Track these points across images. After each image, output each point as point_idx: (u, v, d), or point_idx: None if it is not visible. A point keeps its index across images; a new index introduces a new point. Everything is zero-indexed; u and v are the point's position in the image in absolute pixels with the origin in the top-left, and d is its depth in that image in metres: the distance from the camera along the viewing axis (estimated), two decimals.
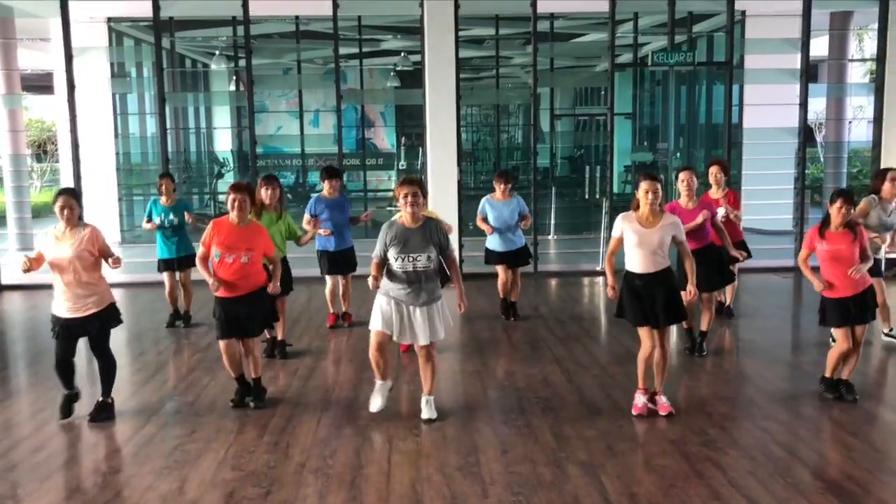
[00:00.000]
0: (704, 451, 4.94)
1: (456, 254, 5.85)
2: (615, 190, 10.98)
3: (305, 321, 8.47)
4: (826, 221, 5.74)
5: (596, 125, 19.95)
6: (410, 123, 20.65)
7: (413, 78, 16.59)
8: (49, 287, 5.63)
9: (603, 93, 16.37)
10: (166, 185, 8.19)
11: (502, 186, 8.12)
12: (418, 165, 17.05)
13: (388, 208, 15.08)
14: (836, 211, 5.67)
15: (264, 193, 6.94)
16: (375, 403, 5.60)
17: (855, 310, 5.69)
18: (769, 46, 11.96)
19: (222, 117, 19.75)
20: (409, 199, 5.28)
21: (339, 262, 7.98)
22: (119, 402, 6.15)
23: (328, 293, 8.24)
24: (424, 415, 5.55)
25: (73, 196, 5.56)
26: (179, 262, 8.28)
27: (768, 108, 11.66)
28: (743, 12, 12.86)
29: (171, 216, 8.14)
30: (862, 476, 4.58)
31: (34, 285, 9.73)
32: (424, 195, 5.42)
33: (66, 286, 5.45)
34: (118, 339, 8.01)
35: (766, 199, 12.05)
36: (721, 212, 7.18)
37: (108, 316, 5.66)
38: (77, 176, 10.85)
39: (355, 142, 19.86)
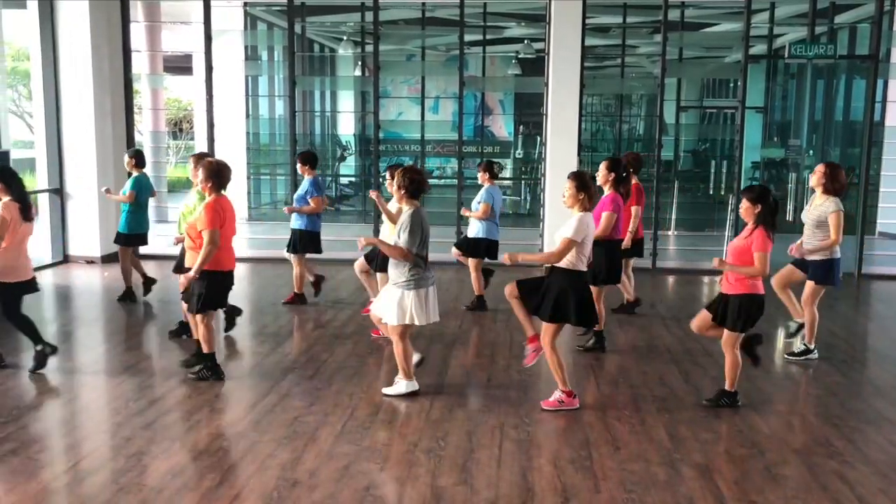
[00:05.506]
0: (830, 463, 4.71)
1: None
2: (742, 187, 10.55)
3: None
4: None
5: (723, 118, 19.25)
6: (529, 112, 20.53)
7: (534, 66, 16.48)
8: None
9: (732, 85, 15.74)
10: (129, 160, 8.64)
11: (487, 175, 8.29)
12: (535, 154, 16.94)
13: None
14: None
15: (191, 172, 6.43)
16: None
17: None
18: None
19: (346, 101, 20.26)
20: None
21: None
22: (243, 370, 6.47)
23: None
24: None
25: None
26: (141, 237, 8.63)
27: None
28: (893, 1, 12.05)
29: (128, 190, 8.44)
30: None
31: (167, 256, 10.08)
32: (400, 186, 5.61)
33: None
34: (243, 312, 8.39)
35: None
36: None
37: None
38: (211, 153, 11.37)
39: (473, 129, 19.93)
